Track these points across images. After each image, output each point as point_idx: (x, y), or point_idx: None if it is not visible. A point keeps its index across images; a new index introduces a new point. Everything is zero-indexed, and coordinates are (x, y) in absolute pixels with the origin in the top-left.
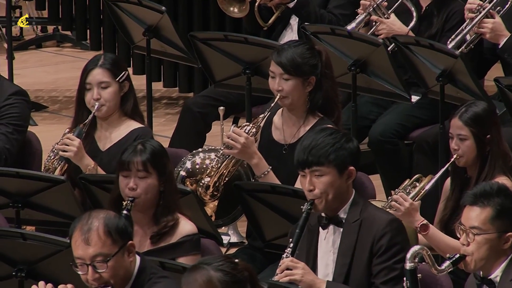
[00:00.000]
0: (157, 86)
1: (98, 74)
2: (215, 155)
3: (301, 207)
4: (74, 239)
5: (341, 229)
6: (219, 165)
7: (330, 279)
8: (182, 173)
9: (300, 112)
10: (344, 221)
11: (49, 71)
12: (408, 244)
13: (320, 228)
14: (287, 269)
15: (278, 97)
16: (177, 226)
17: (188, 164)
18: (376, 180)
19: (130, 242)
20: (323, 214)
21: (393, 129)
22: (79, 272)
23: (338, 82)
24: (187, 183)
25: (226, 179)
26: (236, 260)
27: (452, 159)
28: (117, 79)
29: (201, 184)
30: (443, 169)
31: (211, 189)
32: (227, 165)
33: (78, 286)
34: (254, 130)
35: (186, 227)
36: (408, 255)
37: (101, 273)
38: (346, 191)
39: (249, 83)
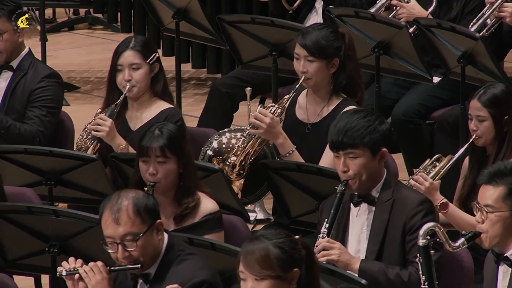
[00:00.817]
0: (186, 68)
1: (129, 56)
2: (241, 135)
3: (335, 187)
4: (104, 219)
5: (374, 208)
6: (245, 144)
7: (362, 255)
8: (209, 152)
9: (324, 92)
10: (376, 200)
11: (81, 52)
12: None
13: (351, 205)
14: (324, 249)
15: (302, 78)
16: (199, 206)
17: (215, 144)
18: (398, 159)
19: (159, 220)
20: (355, 192)
21: (415, 109)
22: (109, 251)
23: (361, 64)
24: (214, 162)
25: (252, 158)
26: (297, 237)
27: (471, 140)
28: (147, 61)
29: (227, 163)
30: (462, 149)
31: (237, 168)
32: (253, 144)
33: (109, 262)
34: (279, 110)
35: (207, 206)
36: (421, 232)
37: (131, 252)
38: (378, 171)
39: (275, 64)
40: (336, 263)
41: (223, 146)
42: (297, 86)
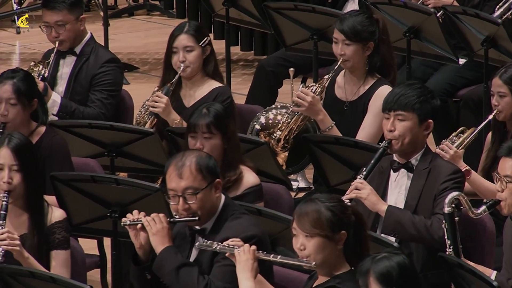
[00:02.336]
0: (235, 50)
1: (183, 39)
2: (286, 112)
3: (379, 143)
4: (169, 173)
5: (411, 175)
6: (289, 120)
7: None
8: (257, 126)
9: (360, 73)
10: (414, 167)
11: (140, 36)
12: None
13: (391, 170)
14: (356, 189)
15: (340, 60)
16: (242, 180)
17: (262, 119)
18: None
19: (218, 180)
20: (395, 159)
21: (443, 88)
22: (171, 203)
23: (394, 47)
24: (261, 135)
25: (295, 132)
26: (349, 204)
27: (493, 114)
28: (200, 44)
29: (273, 137)
30: (484, 122)
31: (282, 142)
32: (296, 120)
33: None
34: (319, 89)
35: (249, 179)
36: (446, 200)
37: (190, 204)
38: (421, 140)
39: (316, 47)
40: (364, 201)
41: (270, 121)
42: (335, 67)
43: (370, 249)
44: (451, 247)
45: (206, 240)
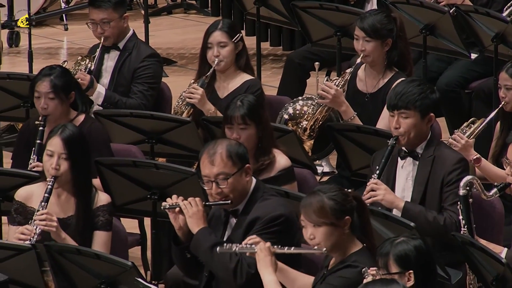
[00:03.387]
0: (265, 45)
1: (218, 36)
2: (311, 103)
3: (387, 141)
4: (202, 160)
5: (417, 162)
6: (315, 111)
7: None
8: (285, 116)
9: (380, 67)
10: (420, 155)
11: (178, 33)
12: None
13: (399, 158)
14: (372, 190)
15: (361, 55)
16: (274, 163)
17: (290, 110)
18: (441, 122)
19: (247, 165)
20: (403, 148)
21: (456, 80)
22: (205, 188)
23: (410, 43)
24: (289, 124)
25: (320, 122)
26: (349, 191)
27: (500, 105)
28: (232, 40)
29: (300, 126)
30: (492, 113)
31: (308, 131)
32: (321, 111)
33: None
34: (342, 83)
35: (281, 162)
36: (461, 184)
37: (222, 189)
38: (425, 132)
39: (339, 43)
40: (381, 202)
41: (297, 112)
42: (357, 62)
43: (390, 229)
44: (465, 226)
45: (225, 244)
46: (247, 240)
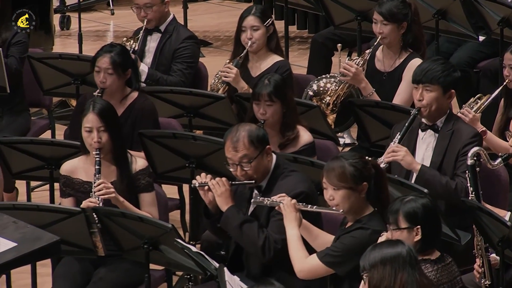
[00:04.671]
0: (292, 29)
1: (251, 20)
2: (334, 80)
3: (411, 111)
4: (226, 146)
5: (437, 135)
6: (337, 88)
7: None
8: (310, 93)
9: (396, 48)
10: (440, 129)
11: (214, 17)
12: None
13: (419, 130)
14: (393, 151)
15: (379, 37)
16: (298, 138)
17: (315, 87)
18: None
19: (268, 146)
20: (423, 120)
21: (465, 61)
22: (231, 169)
23: (424, 26)
24: (313, 100)
25: (342, 98)
26: (369, 159)
27: (505, 83)
28: (264, 24)
29: (323, 101)
30: (497, 90)
31: (331, 106)
32: (343, 88)
33: (230, 177)
34: (362, 62)
35: (304, 137)
36: (469, 154)
37: (247, 170)
38: (445, 106)
39: (360, 27)
40: (401, 162)
41: (321, 88)
42: (375, 43)
43: (401, 193)
44: (473, 193)
45: (259, 197)
46: (277, 197)
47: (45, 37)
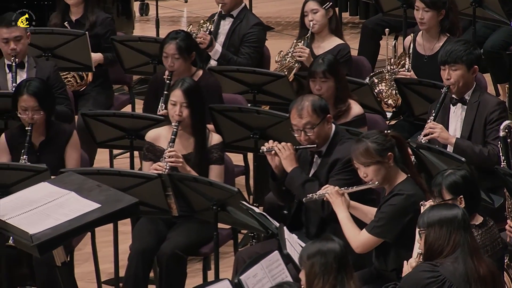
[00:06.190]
0: (345, 15)
1: (311, 4)
2: (389, 79)
3: (441, 90)
4: (292, 114)
5: (466, 107)
6: (392, 90)
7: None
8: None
9: (435, 33)
10: (467, 101)
11: (275, 4)
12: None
13: (451, 105)
14: (430, 128)
15: (420, 23)
16: (350, 110)
17: (376, 89)
18: (487, 77)
19: (328, 115)
20: (453, 96)
21: (499, 44)
22: (295, 135)
23: (463, 13)
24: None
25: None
26: (388, 132)
27: None
28: (323, 7)
29: (388, 104)
30: None
31: (393, 105)
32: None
33: (294, 143)
34: (410, 65)
35: (355, 109)
36: (501, 127)
37: (309, 136)
38: (471, 81)
39: (405, 13)
40: (437, 138)
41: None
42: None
43: (445, 163)
44: (504, 162)
45: (311, 194)
46: (322, 189)
47: (127, 22)
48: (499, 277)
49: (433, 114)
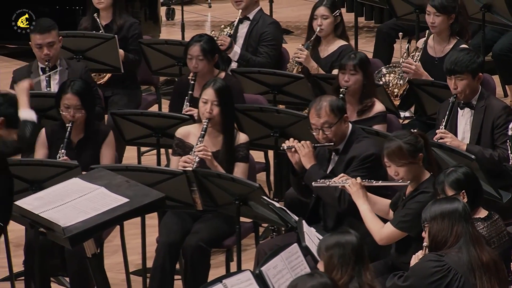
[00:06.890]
0: (361, 20)
1: (322, 10)
2: (396, 76)
3: (449, 99)
4: (311, 113)
5: (473, 111)
6: (404, 82)
7: (467, 142)
8: (380, 82)
9: (445, 36)
10: (474, 106)
11: (294, 10)
12: None
13: (459, 109)
14: (441, 138)
15: (431, 27)
16: (373, 106)
17: (383, 79)
18: (496, 78)
19: (345, 115)
20: (461, 101)
21: (507, 47)
22: (314, 133)
23: (472, 18)
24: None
25: (405, 88)
26: (415, 131)
27: None
28: (333, 14)
29: (394, 93)
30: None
31: (398, 96)
32: (404, 79)
33: (312, 141)
34: (418, 53)
35: (378, 107)
36: (510, 126)
37: (327, 134)
38: (476, 88)
39: (418, 18)
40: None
41: (387, 81)
42: (427, 35)
43: (455, 160)
44: None
45: (322, 179)
46: (338, 178)
47: (153, 26)
48: (501, 264)
49: (443, 123)
